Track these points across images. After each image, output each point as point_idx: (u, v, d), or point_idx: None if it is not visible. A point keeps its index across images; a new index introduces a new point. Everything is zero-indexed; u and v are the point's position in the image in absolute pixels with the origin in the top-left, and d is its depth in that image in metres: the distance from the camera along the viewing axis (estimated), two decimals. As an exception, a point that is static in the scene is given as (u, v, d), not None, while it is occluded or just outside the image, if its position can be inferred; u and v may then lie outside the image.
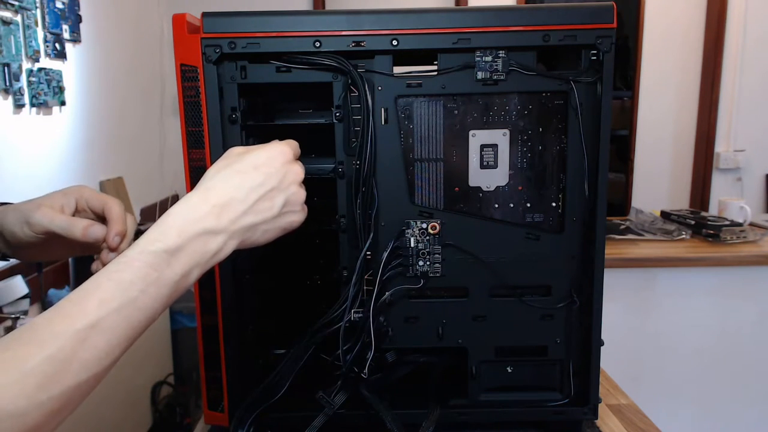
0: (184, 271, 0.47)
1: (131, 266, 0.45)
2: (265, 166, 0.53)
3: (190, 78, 0.69)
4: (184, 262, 0.47)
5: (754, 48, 2.75)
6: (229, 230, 0.50)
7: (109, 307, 0.43)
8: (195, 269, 0.48)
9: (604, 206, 0.72)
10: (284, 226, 0.55)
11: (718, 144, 2.83)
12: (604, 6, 0.69)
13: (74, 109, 1.79)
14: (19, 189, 1.46)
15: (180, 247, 0.47)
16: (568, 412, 0.76)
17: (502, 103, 0.73)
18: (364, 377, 0.70)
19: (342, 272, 0.74)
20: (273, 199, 0.53)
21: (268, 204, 0.53)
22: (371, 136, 0.70)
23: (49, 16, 1.64)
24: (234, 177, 0.52)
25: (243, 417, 0.73)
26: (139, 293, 0.44)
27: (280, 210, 0.54)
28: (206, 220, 0.49)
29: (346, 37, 0.69)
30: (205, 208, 0.49)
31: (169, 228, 0.47)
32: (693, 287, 1.84)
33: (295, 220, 0.56)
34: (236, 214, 0.50)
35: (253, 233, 0.52)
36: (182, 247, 0.47)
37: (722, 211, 2.07)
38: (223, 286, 0.72)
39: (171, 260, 0.46)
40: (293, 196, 0.55)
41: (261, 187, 0.52)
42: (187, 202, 0.50)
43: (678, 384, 1.89)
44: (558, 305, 0.75)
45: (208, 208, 0.49)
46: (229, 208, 0.50)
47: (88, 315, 0.42)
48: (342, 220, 0.73)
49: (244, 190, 0.51)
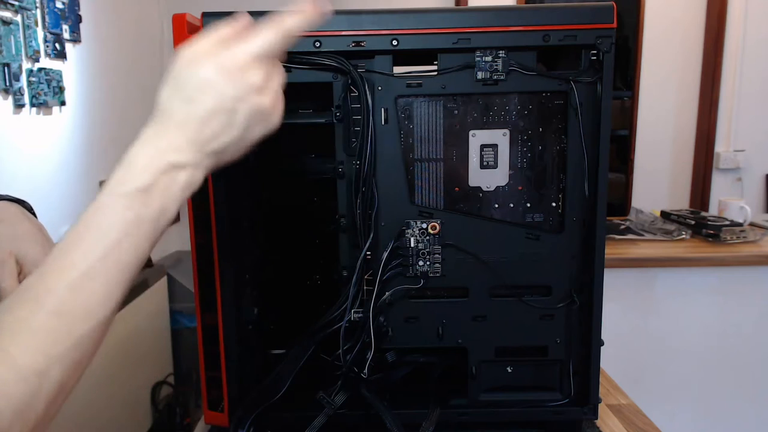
0: (161, 206, 0.46)
1: (106, 211, 0.45)
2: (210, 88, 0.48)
3: (190, 78, 0.69)
4: (158, 198, 0.46)
5: (754, 48, 2.74)
6: (194, 160, 0.48)
7: (95, 256, 0.43)
8: (171, 202, 0.47)
9: (604, 206, 0.72)
10: (253, 139, 0.51)
11: (718, 144, 2.83)
12: (604, 6, 0.69)
13: (74, 109, 1.79)
14: (19, 189, 1.46)
15: (150, 184, 0.46)
16: (568, 412, 0.76)
17: (502, 103, 0.73)
18: (364, 377, 0.70)
19: (342, 272, 0.74)
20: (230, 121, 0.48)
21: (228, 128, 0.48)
22: (371, 136, 0.70)
23: (49, 16, 1.64)
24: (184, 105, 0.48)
25: (243, 417, 0.73)
26: (121, 236, 0.44)
27: (243, 127, 0.49)
28: (169, 155, 0.47)
29: (346, 37, 0.69)
30: (165, 143, 0.47)
31: (133, 167, 0.46)
32: (693, 287, 1.83)
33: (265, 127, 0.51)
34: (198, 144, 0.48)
35: (221, 155, 0.50)
36: (152, 185, 0.46)
37: (722, 211, 2.07)
38: (223, 286, 0.72)
39: (145, 198, 0.45)
40: (253, 109, 0.49)
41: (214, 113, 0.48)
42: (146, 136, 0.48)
43: (678, 384, 1.89)
44: (558, 305, 0.75)
45: (167, 143, 0.47)
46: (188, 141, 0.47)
47: (77, 265, 0.42)
48: (342, 220, 0.73)
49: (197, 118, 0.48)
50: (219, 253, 0.72)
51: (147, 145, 0.47)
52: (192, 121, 0.48)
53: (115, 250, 0.44)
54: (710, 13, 2.76)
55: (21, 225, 0.63)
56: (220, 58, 0.48)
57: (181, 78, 0.49)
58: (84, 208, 0.46)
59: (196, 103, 0.48)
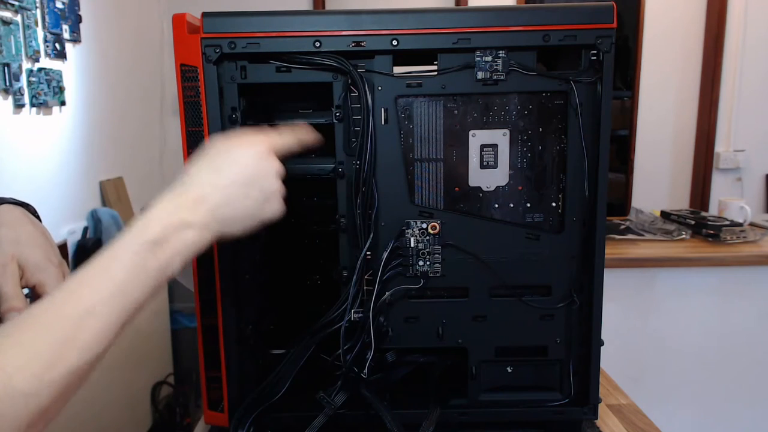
0: (167, 259, 0.50)
1: (118, 258, 0.49)
2: (239, 163, 0.56)
3: (190, 78, 0.69)
4: (166, 251, 0.50)
5: (754, 48, 2.74)
6: (204, 222, 0.53)
7: (102, 295, 0.46)
8: (176, 258, 0.51)
9: (604, 206, 0.72)
10: (261, 217, 0.58)
11: (718, 144, 2.83)
12: (604, 6, 0.69)
13: (74, 109, 1.79)
14: (19, 189, 1.46)
15: (161, 238, 0.50)
16: (568, 412, 0.76)
17: (502, 103, 0.73)
18: (364, 377, 0.70)
19: (342, 272, 0.74)
20: (247, 193, 0.56)
21: (243, 198, 0.56)
22: (371, 136, 0.70)
23: (49, 16, 1.64)
24: (209, 174, 0.55)
25: (243, 417, 0.73)
26: (127, 282, 0.48)
27: (255, 202, 0.56)
28: (183, 213, 0.52)
29: (346, 37, 0.69)
30: (184, 202, 0.53)
31: (150, 221, 0.51)
32: (693, 287, 1.83)
33: (271, 210, 0.58)
34: (211, 207, 0.54)
35: (230, 225, 0.55)
36: (162, 238, 0.50)
37: (722, 211, 2.07)
38: (223, 286, 0.72)
39: (155, 249, 0.50)
40: (269, 188, 0.57)
41: (235, 184, 0.55)
42: (168, 196, 0.53)
43: (678, 384, 1.89)
44: (558, 305, 0.75)
45: (183, 202, 0.53)
46: (203, 202, 0.53)
47: (83, 302, 0.46)
48: (342, 220, 0.73)
49: (218, 185, 0.55)
50: (219, 253, 0.72)
51: (166, 203, 0.53)
52: (213, 186, 0.54)
53: (120, 294, 0.47)
54: (710, 13, 2.76)
55: (23, 228, 0.63)
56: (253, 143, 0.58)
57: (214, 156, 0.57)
58: (84, 208, 0.47)
59: (222, 173, 0.55)
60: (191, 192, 0.54)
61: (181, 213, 0.52)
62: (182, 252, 0.52)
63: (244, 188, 0.56)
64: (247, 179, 0.56)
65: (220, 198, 0.54)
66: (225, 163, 0.56)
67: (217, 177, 0.55)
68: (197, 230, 0.53)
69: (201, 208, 0.53)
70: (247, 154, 0.57)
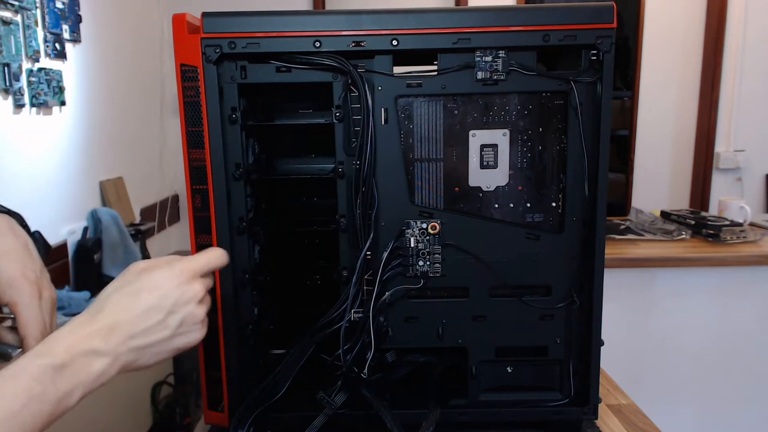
0: (67, 389, 0.46)
1: (16, 378, 0.45)
2: (158, 288, 0.53)
3: (190, 78, 0.69)
4: (68, 380, 0.46)
5: (754, 48, 2.74)
6: (115, 352, 0.49)
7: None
8: (78, 389, 0.47)
9: (604, 206, 0.72)
10: (178, 347, 0.54)
11: (718, 144, 2.83)
12: (604, 6, 0.69)
13: (74, 109, 1.79)
14: (19, 189, 1.46)
15: (65, 363, 0.46)
16: (568, 412, 0.76)
17: (502, 103, 0.73)
18: (364, 377, 0.70)
19: (342, 272, 0.74)
20: (165, 321, 0.52)
21: (160, 326, 0.52)
22: (371, 136, 0.70)
23: (49, 16, 1.64)
24: (126, 298, 0.52)
25: (243, 417, 0.73)
26: (20, 407, 0.44)
27: (173, 331, 0.53)
28: (94, 340, 0.49)
29: (346, 37, 0.69)
30: (94, 328, 0.49)
31: (57, 343, 0.47)
32: (693, 287, 1.83)
33: (190, 340, 0.55)
34: (124, 336, 0.50)
35: (141, 355, 0.52)
36: (67, 364, 0.47)
37: (722, 211, 2.07)
38: (223, 286, 0.72)
39: (55, 376, 0.46)
40: (189, 317, 0.54)
41: (153, 310, 0.52)
42: (78, 320, 0.50)
43: (678, 384, 1.89)
44: (558, 305, 0.75)
45: (96, 328, 0.49)
46: (117, 330, 0.50)
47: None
48: (342, 220, 0.73)
49: (135, 312, 0.51)
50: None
51: (76, 328, 0.49)
52: (128, 313, 0.51)
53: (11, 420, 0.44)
54: (710, 13, 2.76)
55: (2, 240, 0.59)
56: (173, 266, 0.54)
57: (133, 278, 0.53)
58: (84, 208, 0.46)
59: (140, 298, 0.52)
60: (102, 318, 0.50)
61: (92, 339, 0.48)
62: (85, 383, 0.47)
63: (163, 315, 0.52)
64: (166, 305, 0.52)
65: (134, 327, 0.51)
66: (145, 287, 0.52)
67: (136, 302, 0.51)
68: (106, 360, 0.49)
69: (114, 337, 0.49)
70: (166, 277, 0.53)
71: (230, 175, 0.71)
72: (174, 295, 0.53)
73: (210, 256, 0.58)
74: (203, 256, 0.57)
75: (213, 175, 0.70)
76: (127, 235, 1.75)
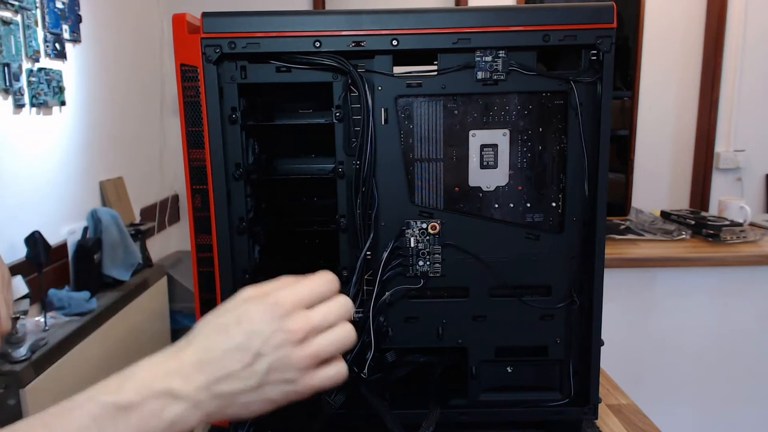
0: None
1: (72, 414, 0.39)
2: (249, 323, 0.43)
3: (190, 78, 0.69)
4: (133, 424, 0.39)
5: (754, 48, 2.74)
6: (194, 397, 0.41)
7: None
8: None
9: (604, 206, 0.72)
10: (273, 398, 0.45)
11: (718, 144, 2.83)
12: (604, 6, 0.69)
13: (74, 109, 1.79)
14: (19, 189, 1.46)
15: (133, 404, 0.39)
16: (568, 412, 0.76)
17: (502, 103, 0.73)
18: (364, 377, 0.70)
19: (342, 272, 0.74)
20: (253, 366, 0.43)
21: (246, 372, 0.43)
22: (371, 136, 0.70)
23: (49, 16, 1.64)
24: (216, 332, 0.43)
25: (243, 417, 0.73)
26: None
27: (260, 379, 0.43)
28: (173, 380, 0.41)
29: (346, 37, 0.69)
30: (175, 365, 0.42)
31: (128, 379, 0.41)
32: (693, 287, 1.84)
33: (289, 391, 0.45)
34: (208, 379, 0.42)
35: (229, 404, 0.43)
36: (136, 406, 0.39)
37: (722, 211, 2.07)
38: (223, 286, 0.72)
39: (118, 418, 0.39)
40: (279, 362, 0.43)
41: (238, 350, 0.43)
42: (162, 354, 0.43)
43: (678, 384, 1.89)
44: (558, 305, 0.75)
45: (178, 366, 0.42)
46: (202, 370, 0.42)
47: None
48: (342, 220, 0.73)
49: (221, 350, 0.43)
50: (219, 253, 0.72)
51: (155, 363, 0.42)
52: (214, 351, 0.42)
53: None
54: (710, 13, 2.76)
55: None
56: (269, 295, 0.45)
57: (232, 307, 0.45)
58: (84, 208, 0.45)
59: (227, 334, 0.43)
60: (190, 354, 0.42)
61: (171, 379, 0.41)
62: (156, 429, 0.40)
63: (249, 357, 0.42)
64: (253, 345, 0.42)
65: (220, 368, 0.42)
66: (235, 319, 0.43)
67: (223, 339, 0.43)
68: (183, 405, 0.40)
69: (196, 378, 0.41)
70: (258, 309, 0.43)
71: (230, 175, 0.71)
72: (264, 333, 0.43)
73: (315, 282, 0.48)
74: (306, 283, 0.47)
75: (213, 175, 0.70)
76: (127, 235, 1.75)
